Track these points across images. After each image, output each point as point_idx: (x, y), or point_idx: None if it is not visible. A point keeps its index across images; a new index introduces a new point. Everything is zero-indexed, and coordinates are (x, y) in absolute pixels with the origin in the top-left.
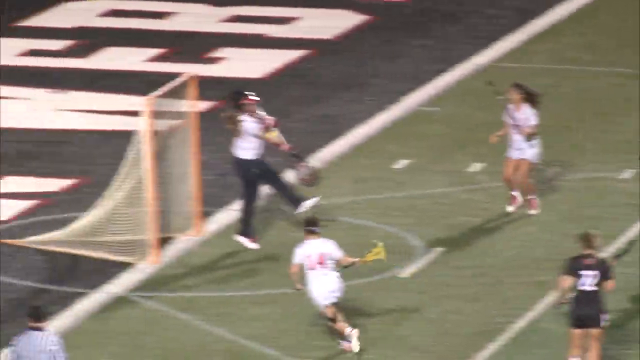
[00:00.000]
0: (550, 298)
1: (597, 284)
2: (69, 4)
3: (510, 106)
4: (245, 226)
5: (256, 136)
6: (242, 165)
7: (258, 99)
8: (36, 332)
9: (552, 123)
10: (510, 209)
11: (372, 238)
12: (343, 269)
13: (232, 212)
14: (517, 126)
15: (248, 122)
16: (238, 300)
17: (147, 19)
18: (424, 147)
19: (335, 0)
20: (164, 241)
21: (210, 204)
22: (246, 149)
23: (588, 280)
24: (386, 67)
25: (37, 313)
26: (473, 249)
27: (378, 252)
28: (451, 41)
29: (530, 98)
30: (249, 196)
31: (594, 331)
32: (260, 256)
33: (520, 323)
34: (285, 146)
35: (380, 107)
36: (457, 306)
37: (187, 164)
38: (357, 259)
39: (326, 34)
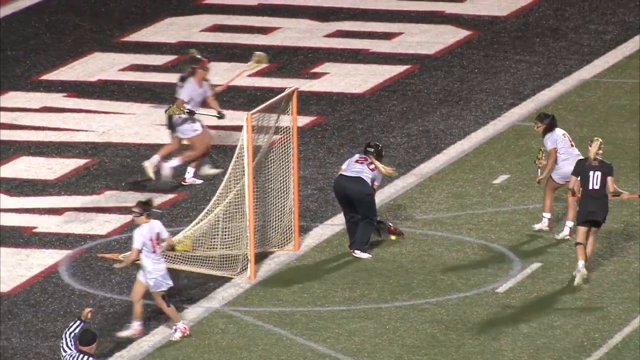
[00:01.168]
0: None
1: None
2: (173, 19)
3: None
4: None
5: None
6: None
7: None
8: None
9: None
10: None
11: (471, 254)
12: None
13: (330, 227)
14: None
15: None
16: (335, 315)
17: (250, 33)
18: (524, 162)
19: (438, 16)
20: (262, 256)
21: (309, 218)
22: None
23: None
24: (487, 83)
25: (85, 337)
26: (571, 264)
27: (185, 245)
28: (553, 56)
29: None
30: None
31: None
32: (356, 270)
33: (617, 338)
34: None
35: (481, 122)
36: (554, 321)
37: (286, 178)
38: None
39: (428, 50)
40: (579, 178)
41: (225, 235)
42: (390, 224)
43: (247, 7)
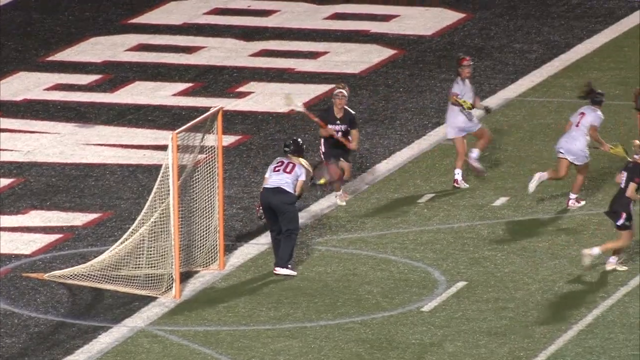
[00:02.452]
0: (573, 333)
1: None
2: (98, 39)
3: None
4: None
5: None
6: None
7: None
8: None
9: None
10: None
11: (396, 273)
12: None
13: (255, 246)
14: None
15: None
16: (260, 335)
17: (175, 53)
18: (449, 181)
19: (363, 35)
20: (187, 275)
21: (234, 237)
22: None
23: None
24: (412, 102)
25: None
26: (496, 283)
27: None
28: (478, 75)
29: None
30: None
31: None
32: (282, 290)
33: (542, 357)
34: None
35: (406, 141)
36: (479, 340)
37: (211, 197)
38: None
39: (353, 69)
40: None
41: (150, 254)
42: (331, 165)
43: (172, 26)
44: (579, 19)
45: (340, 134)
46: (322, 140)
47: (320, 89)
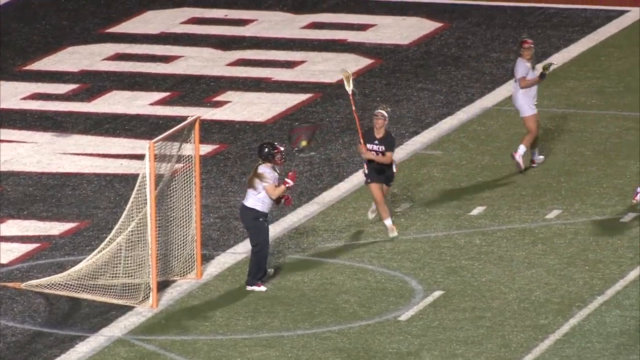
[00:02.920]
0: (550, 342)
1: None
2: (75, 48)
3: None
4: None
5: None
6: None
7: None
8: None
9: (556, 166)
10: None
11: (373, 282)
12: None
13: (232, 255)
14: None
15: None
16: (237, 344)
17: (152, 62)
18: (426, 190)
19: (340, 44)
20: (164, 284)
21: (211, 247)
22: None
23: None
24: (390, 111)
25: None
26: (473, 292)
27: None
28: (455, 85)
29: None
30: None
31: None
32: (259, 299)
33: None
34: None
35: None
36: (455, 349)
37: (188, 207)
38: None
39: (330, 78)
40: None
41: (127, 263)
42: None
43: (149, 35)
44: (556, 28)
45: (379, 155)
46: (365, 163)
47: (298, 98)
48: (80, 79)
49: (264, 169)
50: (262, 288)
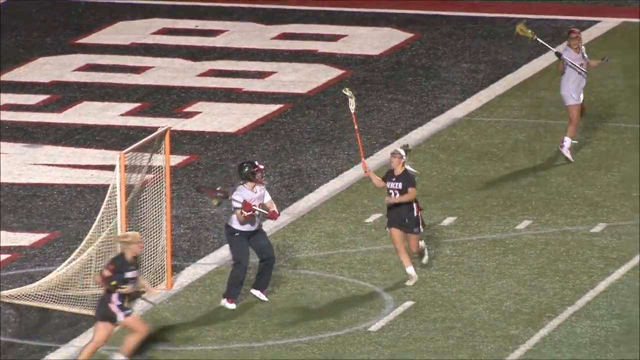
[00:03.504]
0: (520, 353)
1: None
2: (46, 59)
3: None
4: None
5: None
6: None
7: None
8: None
9: (527, 177)
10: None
11: (343, 293)
12: None
13: (203, 266)
14: None
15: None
16: (207, 355)
17: (123, 73)
18: None
19: (310, 55)
20: (135, 295)
21: (182, 257)
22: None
23: None
24: (360, 122)
25: None
26: (444, 303)
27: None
28: (425, 95)
29: None
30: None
31: None
32: (230, 310)
33: None
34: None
35: (353, 160)
36: None
37: (159, 217)
38: None
39: (301, 88)
40: None
41: (98, 274)
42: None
43: (119, 46)
44: (527, 38)
45: (396, 194)
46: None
47: (268, 108)
48: (51, 89)
49: (237, 195)
50: (231, 305)
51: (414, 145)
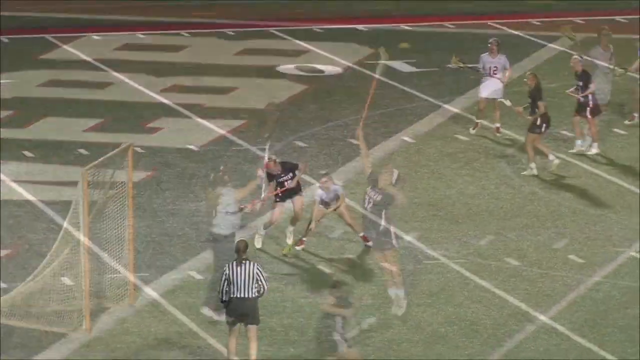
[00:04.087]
0: None
1: None
2: (9, 74)
3: None
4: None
5: None
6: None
7: None
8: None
9: (489, 192)
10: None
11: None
12: None
13: (166, 281)
14: None
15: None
16: None
17: (86, 88)
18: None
19: (272, 71)
20: (98, 310)
21: (145, 272)
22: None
23: None
24: (322, 136)
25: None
26: (399, 323)
27: None
28: (390, 109)
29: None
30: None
31: None
32: (194, 323)
33: None
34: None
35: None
36: None
37: (122, 232)
38: None
39: (262, 104)
40: None
41: (60, 290)
42: None
43: (83, 62)
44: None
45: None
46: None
47: (230, 124)
48: (14, 105)
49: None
50: (210, 313)
51: (379, 159)
